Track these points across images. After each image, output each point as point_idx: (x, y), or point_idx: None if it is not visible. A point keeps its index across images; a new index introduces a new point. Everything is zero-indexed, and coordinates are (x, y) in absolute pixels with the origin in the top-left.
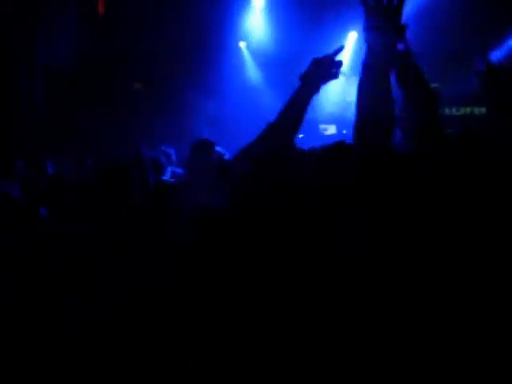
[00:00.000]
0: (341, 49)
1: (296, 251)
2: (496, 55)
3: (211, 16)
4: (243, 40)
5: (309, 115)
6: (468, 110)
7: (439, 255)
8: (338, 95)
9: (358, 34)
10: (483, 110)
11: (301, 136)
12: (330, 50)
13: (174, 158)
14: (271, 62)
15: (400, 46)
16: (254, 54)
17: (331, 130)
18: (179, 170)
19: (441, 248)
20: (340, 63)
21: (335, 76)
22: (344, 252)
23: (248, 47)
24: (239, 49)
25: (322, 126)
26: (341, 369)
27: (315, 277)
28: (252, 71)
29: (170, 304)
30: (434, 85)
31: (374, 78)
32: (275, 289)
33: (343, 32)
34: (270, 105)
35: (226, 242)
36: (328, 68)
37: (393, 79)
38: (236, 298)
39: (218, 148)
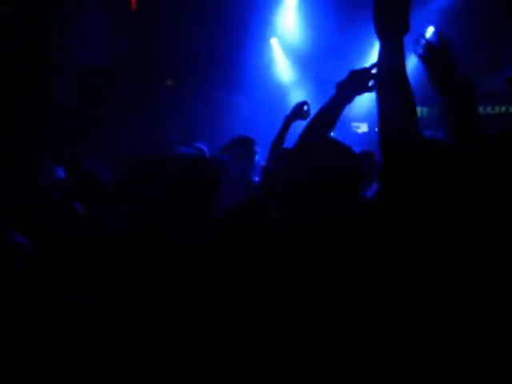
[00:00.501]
0: (376, 64)
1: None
2: None
3: (243, 12)
4: (275, 37)
5: None
6: (503, 108)
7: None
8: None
9: None
10: None
11: (332, 134)
12: (368, 64)
13: (206, 154)
14: (303, 61)
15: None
16: (286, 51)
17: (363, 128)
18: None
19: (452, 246)
20: (375, 76)
21: (370, 89)
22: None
23: (280, 44)
24: (271, 46)
25: (354, 124)
26: (342, 366)
27: (319, 274)
28: (284, 69)
29: (172, 304)
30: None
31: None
32: (277, 287)
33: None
34: None
35: (247, 240)
36: (364, 81)
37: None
38: (238, 297)
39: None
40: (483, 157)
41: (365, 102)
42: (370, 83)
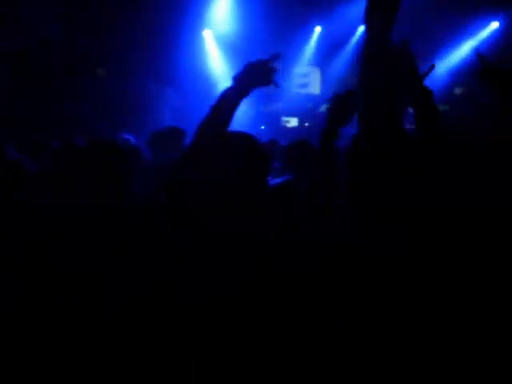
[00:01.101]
0: (277, 56)
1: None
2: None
3: (176, 4)
4: (208, 28)
5: (271, 107)
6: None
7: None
8: (299, 88)
9: (322, 29)
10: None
11: (263, 128)
12: (267, 56)
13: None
14: (235, 52)
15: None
16: (219, 42)
17: (293, 122)
18: None
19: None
20: (273, 70)
21: (267, 83)
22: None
23: (213, 36)
24: (203, 38)
25: (284, 119)
26: (340, 366)
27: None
28: (216, 61)
29: (170, 304)
30: None
31: (373, 65)
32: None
33: (309, 25)
34: None
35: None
36: (260, 73)
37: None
38: (238, 295)
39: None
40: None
41: (295, 98)
42: (266, 77)
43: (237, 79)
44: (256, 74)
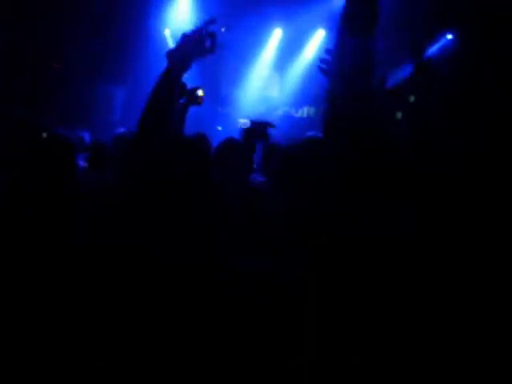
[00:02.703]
0: (212, 20)
1: None
2: None
3: (135, 4)
4: (168, 27)
5: (228, 109)
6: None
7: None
8: (257, 90)
9: (282, 32)
10: None
11: (220, 128)
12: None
13: (87, 141)
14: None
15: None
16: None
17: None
18: None
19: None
20: (214, 34)
21: (210, 50)
22: None
23: (173, 35)
24: (164, 37)
25: (241, 120)
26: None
27: None
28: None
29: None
30: None
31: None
32: None
33: (268, 27)
34: None
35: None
36: (199, 42)
37: None
38: None
39: None
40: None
41: (253, 100)
42: (207, 44)
43: (170, 54)
44: (191, 45)
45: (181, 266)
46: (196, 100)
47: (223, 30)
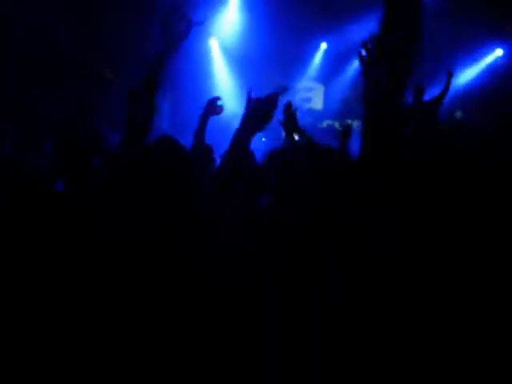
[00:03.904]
0: (284, 89)
1: None
2: None
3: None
4: (214, 36)
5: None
6: None
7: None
8: (302, 102)
9: (328, 45)
10: None
11: (264, 140)
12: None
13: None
14: (239, 62)
15: None
16: (224, 52)
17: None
18: None
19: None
20: (275, 107)
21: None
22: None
23: (219, 44)
24: (209, 46)
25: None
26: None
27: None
28: (220, 69)
29: None
30: None
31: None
32: None
33: (316, 41)
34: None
35: None
36: (263, 115)
37: None
38: None
39: None
40: None
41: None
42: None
43: (244, 121)
44: (261, 117)
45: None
46: (215, 110)
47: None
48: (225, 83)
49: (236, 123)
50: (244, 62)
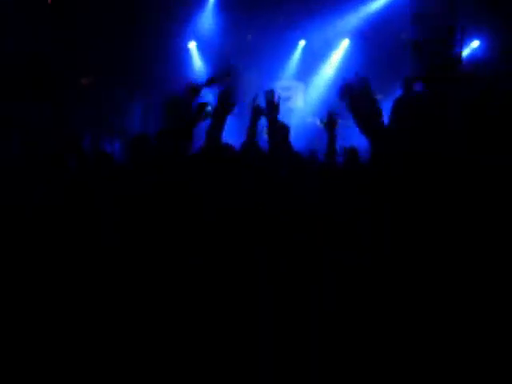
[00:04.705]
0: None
1: None
2: None
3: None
4: (193, 40)
5: None
6: None
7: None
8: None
9: (307, 42)
10: None
11: None
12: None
13: None
14: (219, 63)
15: None
16: (203, 54)
17: None
18: None
19: None
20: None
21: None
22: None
23: (198, 47)
24: (189, 50)
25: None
26: None
27: None
28: (200, 73)
29: None
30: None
31: None
32: None
33: (293, 38)
34: None
35: None
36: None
37: None
38: None
39: None
40: None
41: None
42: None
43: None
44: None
45: None
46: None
47: (249, 38)
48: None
49: None
50: (221, 65)
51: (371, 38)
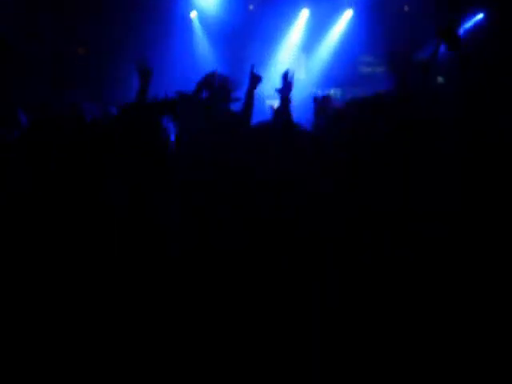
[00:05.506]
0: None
1: None
2: None
3: None
4: (194, 10)
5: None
6: None
7: None
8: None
9: (310, 12)
10: None
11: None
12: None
13: None
14: (221, 34)
15: None
16: (205, 25)
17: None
18: None
19: None
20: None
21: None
22: None
23: (199, 18)
24: (190, 20)
25: (268, 101)
26: None
27: None
28: (202, 44)
29: None
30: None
31: None
32: None
33: (295, 8)
34: None
35: None
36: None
37: None
38: None
39: None
40: None
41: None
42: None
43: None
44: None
45: None
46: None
47: (251, 7)
48: (206, 57)
49: None
50: (223, 36)
51: (375, 9)
